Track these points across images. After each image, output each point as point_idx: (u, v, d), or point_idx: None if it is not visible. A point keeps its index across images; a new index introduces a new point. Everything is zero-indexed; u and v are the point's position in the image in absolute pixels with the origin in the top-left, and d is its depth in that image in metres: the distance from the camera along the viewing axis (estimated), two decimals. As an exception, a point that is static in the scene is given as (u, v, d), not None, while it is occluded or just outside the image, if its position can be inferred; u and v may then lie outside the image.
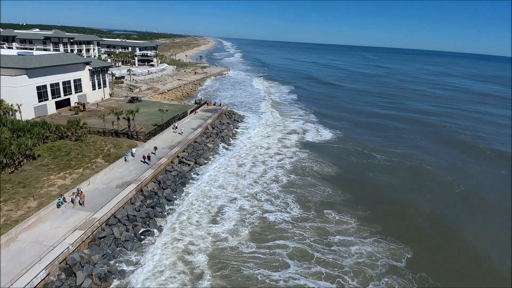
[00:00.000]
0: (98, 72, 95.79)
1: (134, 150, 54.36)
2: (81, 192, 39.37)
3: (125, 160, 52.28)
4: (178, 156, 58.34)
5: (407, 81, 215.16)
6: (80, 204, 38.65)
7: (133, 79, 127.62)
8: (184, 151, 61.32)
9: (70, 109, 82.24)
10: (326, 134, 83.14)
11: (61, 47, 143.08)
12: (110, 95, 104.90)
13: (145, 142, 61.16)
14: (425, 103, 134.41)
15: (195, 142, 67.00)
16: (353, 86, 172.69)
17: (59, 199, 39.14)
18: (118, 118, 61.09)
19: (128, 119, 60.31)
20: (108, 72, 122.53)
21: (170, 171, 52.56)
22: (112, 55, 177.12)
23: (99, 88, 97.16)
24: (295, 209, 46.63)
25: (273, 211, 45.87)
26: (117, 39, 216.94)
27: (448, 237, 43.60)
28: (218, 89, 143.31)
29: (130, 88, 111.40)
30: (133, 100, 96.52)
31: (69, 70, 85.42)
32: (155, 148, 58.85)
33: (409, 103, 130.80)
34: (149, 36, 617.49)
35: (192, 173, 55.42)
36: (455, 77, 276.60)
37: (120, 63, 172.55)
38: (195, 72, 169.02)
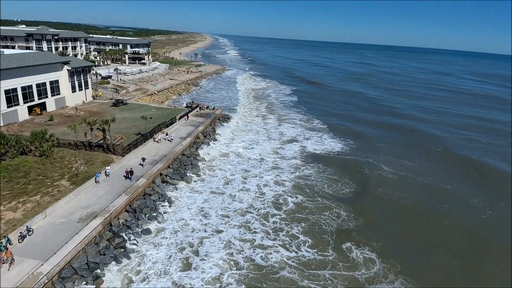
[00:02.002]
0: (79, 72, 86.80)
1: (108, 168, 45.64)
2: (7, 248, 29.64)
3: (96, 182, 43.60)
4: (161, 174, 49.68)
5: (408, 82, 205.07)
6: (9, 262, 28.78)
7: (120, 79, 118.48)
8: (169, 166, 52.64)
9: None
10: (332, 143, 74.28)
11: (45, 45, 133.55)
12: (94, 97, 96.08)
13: (123, 156, 52.44)
14: (427, 108, 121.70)
15: (183, 154, 58.30)
16: (354, 88, 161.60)
17: (1, 243, 30.46)
18: (91, 129, 52.30)
19: (103, 130, 51.52)
20: (92, 71, 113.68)
21: (150, 195, 43.90)
22: (101, 53, 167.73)
23: (80, 90, 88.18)
24: (305, 245, 37.92)
25: (273, 246, 37.34)
26: (107, 36, 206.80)
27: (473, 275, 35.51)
28: (212, 90, 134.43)
29: (116, 89, 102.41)
30: (117, 103, 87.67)
31: (44, 71, 76.45)
32: (143, 159, 50.76)
33: (413, 109, 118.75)
34: (145, 32, 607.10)
35: (177, 194, 46.82)
36: (457, 77, 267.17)
37: (109, 61, 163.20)
38: (187, 71, 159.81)
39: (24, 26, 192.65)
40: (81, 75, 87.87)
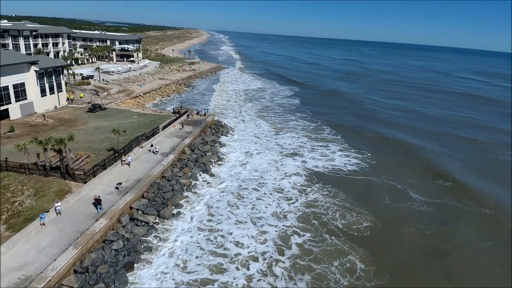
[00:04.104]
0: (50, 73, 76.04)
1: (58, 205, 35.12)
2: None
3: (41, 225, 33.12)
4: (131, 208, 39.23)
5: (415, 83, 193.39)
6: None
7: (103, 79, 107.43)
8: (143, 196, 42.16)
9: None
10: (342, 159, 63.18)
11: (22, 41, 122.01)
12: (72, 100, 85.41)
13: (85, 183, 41.88)
14: (448, 117, 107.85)
15: (163, 177, 47.85)
16: (359, 92, 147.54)
17: None
18: (45, 150, 41.65)
19: (60, 151, 40.92)
20: (70, 71, 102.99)
21: (112, 242, 33.43)
22: (87, 50, 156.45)
23: (52, 93, 77.43)
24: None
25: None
26: (95, 32, 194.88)
27: None
28: (206, 91, 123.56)
29: (96, 91, 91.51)
30: (94, 108, 77.01)
31: (6, 73, 65.85)
32: (119, 184, 41.52)
33: (432, 117, 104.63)
34: (140, 28, 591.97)
35: (150, 236, 36.36)
36: (463, 78, 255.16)
37: (95, 59, 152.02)
38: (179, 70, 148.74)
39: (6, 21, 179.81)
40: (53, 76, 77.03)
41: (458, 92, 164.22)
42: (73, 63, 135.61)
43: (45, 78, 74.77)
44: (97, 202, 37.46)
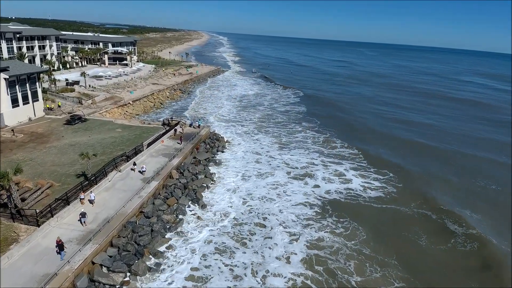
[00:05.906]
0: (23, 80, 67.03)
1: (-11, 266, 25.97)
2: None
3: (-41, 299, 23.92)
4: (93, 263, 29.96)
5: (427, 86, 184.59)
6: None
7: (89, 85, 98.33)
8: (111, 243, 32.83)
9: None
10: (358, 181, 53.11)
11: (4, 44, 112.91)
12: (51, 109, 76.34)
13: (39, 226, 32.65)
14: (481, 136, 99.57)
15: (141, 212, 38.57)
16: (369, 98, 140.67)
17: None
18: (-14, 183, 32.45)
19: (3, 188, 31.72)
20: (51, 76, 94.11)
21: (58, 322, 24.16)
22: (78, 52, 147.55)
23: (26, 103, 68.35)
24: None
25: None
26: (87, 33, 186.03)
27: None
28: (203, 97, 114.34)
29: (80, 100, 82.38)
30: (72, 120, 67.98)
31: (-32, 81, 56.80)
32: (83, 214, 33.43)
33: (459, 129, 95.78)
34: (140, 30, 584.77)
35: (116, 306, 27.11)
36: (479, 84, 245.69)
37: (85, 62, 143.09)
38: (175, 73, 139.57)
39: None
40: (27, 84, 68.02)
41: (469, 99, 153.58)
42: (61, 67, 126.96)
43: (17, 86, 65.78)
44: (60, 248, 28.89)
